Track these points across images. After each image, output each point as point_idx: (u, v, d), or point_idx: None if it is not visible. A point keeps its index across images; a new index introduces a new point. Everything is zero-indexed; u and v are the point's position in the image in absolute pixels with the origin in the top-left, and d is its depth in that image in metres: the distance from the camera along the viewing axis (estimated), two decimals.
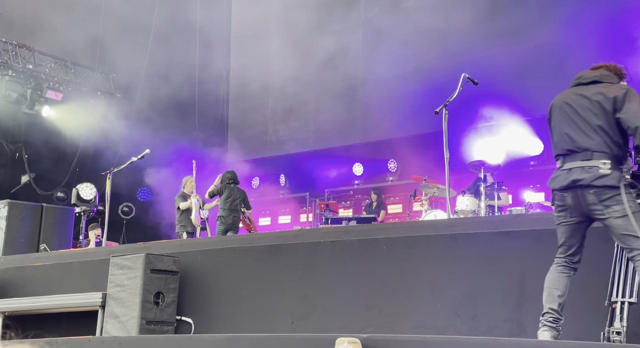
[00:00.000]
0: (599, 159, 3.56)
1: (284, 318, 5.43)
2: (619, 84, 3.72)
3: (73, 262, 6.96)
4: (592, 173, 3.56)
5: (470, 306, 4.62)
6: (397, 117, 11.95)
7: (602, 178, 3.54)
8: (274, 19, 14.25)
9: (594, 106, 3.64)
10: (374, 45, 12.69)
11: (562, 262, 3.74)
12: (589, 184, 3.56)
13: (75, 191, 10.43)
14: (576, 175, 3.61)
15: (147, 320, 5.60)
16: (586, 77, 3.80)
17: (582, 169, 3.60)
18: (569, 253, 3.72)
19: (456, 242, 4.85)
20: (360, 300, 5.12)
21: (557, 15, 10.15)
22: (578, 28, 9.47)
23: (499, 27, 10.49)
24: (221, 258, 6.03)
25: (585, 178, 3.57)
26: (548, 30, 10.02)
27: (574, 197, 3.65)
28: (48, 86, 12.21)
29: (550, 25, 10.05)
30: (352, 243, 5.33)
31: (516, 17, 10.27)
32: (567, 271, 3.72)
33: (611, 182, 3.52)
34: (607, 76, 3.76)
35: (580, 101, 3.71)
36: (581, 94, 3.73)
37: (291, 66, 13.76)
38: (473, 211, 8.18)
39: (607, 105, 3.60)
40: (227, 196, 9.12)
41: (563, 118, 3.78)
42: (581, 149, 3.64)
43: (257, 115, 14.57)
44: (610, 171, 3.53)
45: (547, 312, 3.66)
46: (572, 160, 3.67)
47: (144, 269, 5.67)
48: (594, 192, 3.56)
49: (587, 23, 9.47)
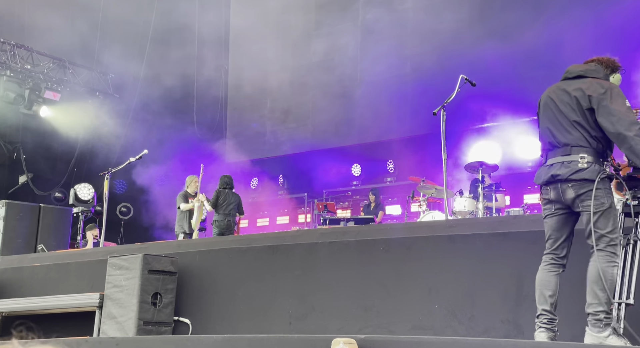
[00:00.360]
0: (577, 153, 3.62)
1: (282, 318, 5.43)
2: (603, 80, 3.72)
3: (71, 263, 6.95)
4: (571, 167, 3.62)
5: (467, 307, 4.62)
6: (395, 118, 11.96)
7: (580, 172, 3.59)
8: (272, 20, 14.26)
9: (572, 101, 3.68)
10: (371, 46, 12.70)
11: (549, 259, 3.77)
12: (567, 179, 3.62)
13: (73, 192, 10.44)
14: (555, 170, 3.68)
15: (144, 320, 5.60)
16: (572, 71, 3.84)
17: (561, 164, 3.66)
18: (555, 247, 3.75)
19: (454, 243, 4.85)
20: (358, 300, 5.12)
21: (549, 15, 10.17)
22: (571, 27, 9.50)
23: (495, 27, 10.49)
24: (219, 259, 6.03)
25: (564, 173, 3.63)
26: (542, 31, 10.03)
27: (555, 191, 3.71)
28: (46, 86, 12.21)
29: (544, 25, 10.07)
30: (350, 244, 5.34)
31: (512, 18, 10.28)
32: (556, 269, 3.74)
33: (588, 175, 3.57)
34: (593, 70, 3.77)
35: (562, 96, 3.75)
36: (564, 89, 3.77)
37: (289, 67, 13.77)
38: (471, 212, 8.19)
39: (584, 101, 3.63)
40: (222, 200, 9.16)
41: (545, 113, 3.84)
42: (561, 145, 3.70)
43: (255, 116, 14.57)
44: (587, 165, 3.58)
45: (541, 314, 3.69)
46: (554, 155, 3.73)
47: (142, 270, 5.67)
48: (572, 186, 3.62)
49: (581, 22, 9.50)
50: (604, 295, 3.45)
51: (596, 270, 3.51)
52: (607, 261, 3.49)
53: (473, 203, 8.25)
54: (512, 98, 10.00)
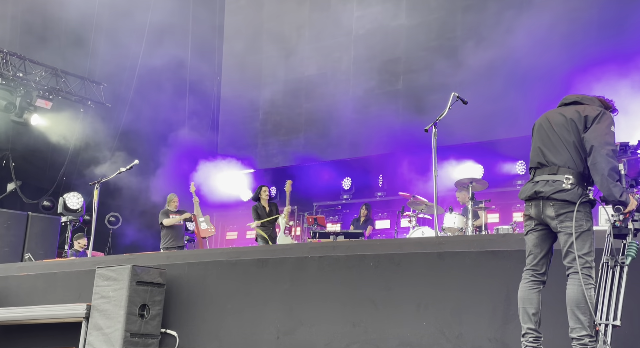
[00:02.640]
0: (563, 174, 3.70)
1: (270, 333, 5.41)
2: (597, 106, 3.82)
3: (58, 272, 6.90)
4: (554, 186, 3.70)
5: (455, 324, 4.63)
6: (386, 133, 12.02)
7: (562, 192, 3.67)
8: (266, 32, 14.34)
9: (568, 123, 3.78)
10: (364, 61, 12.79)
11: (529, 275, 3.83)
12: (549, 197, 3.70)
13: (62, 200, 10.37)
14: (540, 187, 3.76)
15: (131, 332, 5.56)
16: (569, 98, 3.97)
17: (546, 182, 3.74)
18: (535, 264, 3.82)
19: (443, 260, 4.87)
20: (346, 316, 5.12)
21: (545, 42, 10.28)
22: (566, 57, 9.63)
23: (487, 47, 10.61)
24: (208, 271, 6.01)
25: (547, 190, 3.71)
26: (537, 52, 10.15)
27: (536, 208, 3.80)
28: (38, 95, 12.17)
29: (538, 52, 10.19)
30: (339, 259, 5.34)
31: (505, 38, 10.40)
32: (536, 286, 3.80)
33: (569, 197, 3.65)
34: (590, 99, 3.89)
35: (557, 119, 3.85)
36: (560, 113, 3.88)
37: (281, 80, 13.82)
38: (460, 229, 8.22)
39: (579, 123, 3.73)
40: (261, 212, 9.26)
41: (539, 134, 3.93)
42: (550, 164, 3.78)
43: (247, 128, 14.58)
44: (571, 187, 3.66)
45: (527, 333, 3.74)
46: (541, 173, 3.81)
47: (130, 281, 5.64)
48: (553, 205, 3.70)
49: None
50: (585, 318, 3.50)
51: (574, 294, 3.57)
52: (584, 284, 3.55)
53: (463, 220, 8.28)
54: (504, 116, 10.10)
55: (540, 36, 10.03)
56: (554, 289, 3.86)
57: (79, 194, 10.48)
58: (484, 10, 11.04)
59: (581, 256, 3.58)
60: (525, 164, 10.68)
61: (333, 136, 12.90)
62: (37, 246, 9.35)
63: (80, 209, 10.38)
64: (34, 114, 12.25)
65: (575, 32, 9.95)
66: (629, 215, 3.64)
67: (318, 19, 13.52)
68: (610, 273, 3.58)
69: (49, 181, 12.99)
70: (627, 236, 3.62)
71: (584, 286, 3.53)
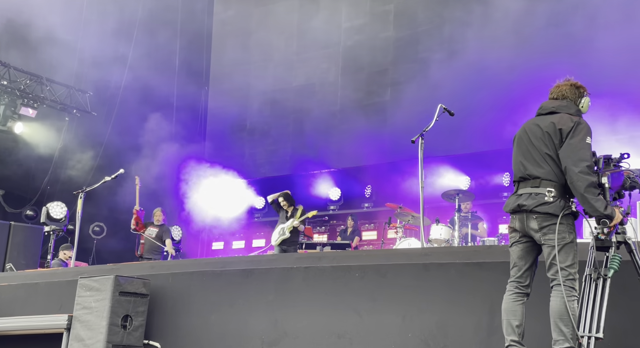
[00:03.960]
0: (545, 187, 3.71)
1: (254, 344, 5.36)
2: (574, 116, 3.82)
3: (39, 283, 6.80)
4: (537, 199, 3.72)
5: (440, 336, 4.61)
6: (374, 144, 12.04)
7: (544, 205, 3.68)
8: (254, 43, 14.35)
9: (545, 136, 3.79)
10: (352, 72, 12.84)
11: (513, 288, 3.84)
12: (532, 210, 3.72)
13: (45, 210, 10.25)
14: (523, 200, 3.78)
15: (113, 343, 5.49)
16: (545, 108, 3.95)
17: (529, 195, 3.76)
18: (519, 276, 3.83)
19: (428, 271, 4.86)
20: (332, 327, 5.09)
21: (528, 54, 10.39)
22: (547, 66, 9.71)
23: (473, 60, 10.69)
24: (192, 282, 5.95)
25: (530, 204, 3.73)
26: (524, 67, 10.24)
27: (520, 220, 3.82)
28: (22, 103, 12.07)
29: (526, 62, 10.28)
30: (325, 270, 5.32)
31: (496, 54, 10.49)
32: (520, 298, 3.80)
33: (552, 210, 3.67)
34: (565, 106, 3.88)
35: (535, 131, 3.86)
36: (537, 124, 3.88)
37: (269, 90, 13.83)
38: (447, 241, 8.23)
39: (555, 136, 3.75)
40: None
41: (519, 147, 3.94)
42: (532, 177, 3.79)
43: (234, 138, 14.54)
44: (553, 200, 3.68)
45: (510, 345, 3.73)
46: (524, 186, 3.83)
47: (113, 291, 5.57)
48: (536, 217, 3.72)
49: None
50: (568, 330, 3.50)
51: (557, 306, 3.57)
52: (567, 296, 3.55)
53: (449, 231, 8.31)
54: (491, 128, 10.15)
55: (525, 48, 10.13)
56: (537, 301, 3.86)
57: (62, 203, 10.36)
58: (471, 23, 11.14)
59: (564, 268, 3.59)
60: (511, 176, 10.73)
61: (320, 146, 12.91)
62: (19, 256, 9.22)
63: (64, 219, 10.26)
64: (18, 123, 12.15)
65: (559, 43, 10.05)
66: (614, 228, 3.65)
67: (306, 29, 13.56)
68: (593, 286, 3.58)
69: (32, 190, 12.86)
70: (610, 248, 3.63)
71: (566, 299, 3.53)
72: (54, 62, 12.48)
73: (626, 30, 9.37)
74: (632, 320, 3.98)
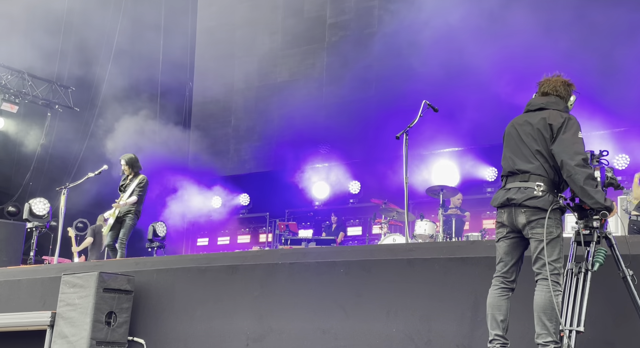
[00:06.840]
0: (534, 181, 3.74)
1: (239, 340, 5.37)
2: (562, 112, 3.85)
3: (22, 279, 6.74)
4: (526, 193, 3.74)
5: (424, 331, 4.65)
6: (359, 140, 12.06)
7: (533, 199, 3.71)
8: (239, 38, 14.29)
9: (535, 132, 3.81)
10: (337, 67, 12.84)
11: (499, 282, 3.87)
12: (520, 204, 3.74)
13: (27, 206, 10.11)
14: (511, 194, 3.80)
15: (97, 340, 5.46)
16: (534, 104, 3.97)
17: (518, 190, 3.78)
18: (505, 271, 3.86)
19: (413, 267, 4.89)
20: (316, 322, 5.10)
21: (511, 48, 10.45)
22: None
23: (460, 54, 10.73)
24: (177, 278, 5.94)
25: (519, 198, 3.75)
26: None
27: (508, 214, 3.83)
28: (4, 98, 11.92)
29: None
30: (310, 266, 5.33)
31: (473, 49, 10.53)
32: (506, 292, 3.84)
33: (541, 204, 3.69)
34: (554, 103, 3.89)
35: (524, 127, 3.88)
36: (526, 120, 3.90)
37: (254, 86, 13.80)
38: (431, 236, 8.28)
39: (545, 132, 3.77)
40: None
41: (508, 143, 3.97)
42: (521, 172, 3.81)
43: (220, 134, 14.50)
44: (542, 194, 3.70)
45: (494, 339, 3.77)
46: (513, 181, 3.85)
47: (97, 288, 5.54)
48: (524, 212, 3.74)
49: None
50: (552, 324, 3.54)
51: (542, 300, 3.61)
52: (553, 290, 3.58)
53: (433, 227, 8.36)
54: (475, 124, 10.21)
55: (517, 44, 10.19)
56: (520, 295, 3.90)
57: (45, 199, 10.22)
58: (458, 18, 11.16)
59: (550, 262, 3.62)
60: (496, 171, 10.79)
61: (306, 142, 12.90)
62: (1, 253, 9.13)
63: (47, 215, 10.14)
64: None
65: (549, 39, 10.12)
66: (605, 221, 3.69)
67: (291, 25, 13.53)
68: (574, 280, 3.63)
69: (14, 187, 12.71)
70: (591, 243, 3.67)
71: (552, 293, 3.56)
72: (35, 57, 12.33)
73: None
74: (612, 313, 4.04)
